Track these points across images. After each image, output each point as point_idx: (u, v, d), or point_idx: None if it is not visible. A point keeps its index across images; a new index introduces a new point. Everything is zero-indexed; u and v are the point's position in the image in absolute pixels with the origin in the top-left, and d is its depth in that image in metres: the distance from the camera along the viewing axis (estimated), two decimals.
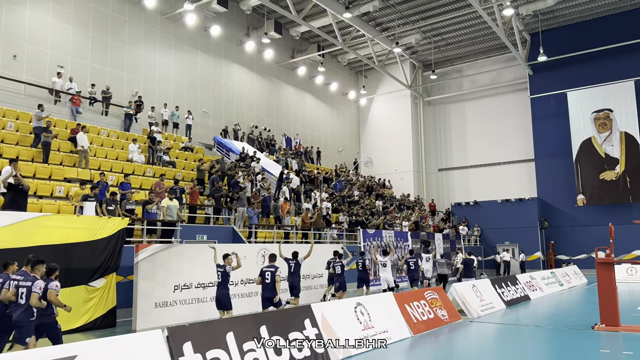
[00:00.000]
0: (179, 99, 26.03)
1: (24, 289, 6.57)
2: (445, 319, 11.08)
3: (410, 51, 36.97)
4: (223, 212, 16.89)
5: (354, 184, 29.55)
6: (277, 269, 10.80)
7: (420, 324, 10.02)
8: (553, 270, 21.36)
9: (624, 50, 30.12)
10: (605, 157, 30.30)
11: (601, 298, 10.30)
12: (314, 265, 15.92)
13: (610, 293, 10.18)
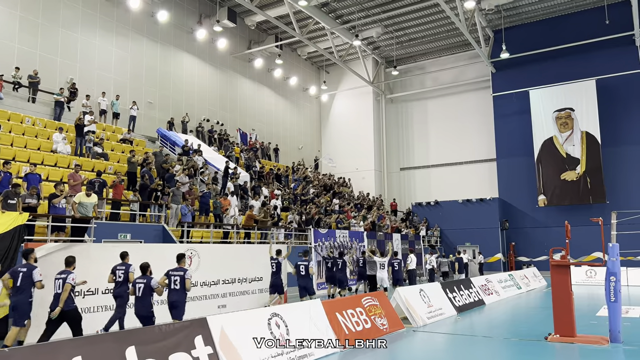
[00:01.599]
0: (121, 88, 24.19)
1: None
2: (385, 328, 9.80)
3: (372, 46, 35.90)
4: (153, 208, 15.27)
5: (310, 181, 28.20)
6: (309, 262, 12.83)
7: (352, 335, 8.70)
8: (511, 272, 20.47)
9: (586, 49, 29.70)
10: (566, 157, 29.80)
11: (555, 305, 9.19)
12: (252, 266, 14.49)
13: (565, 300, 9.08)
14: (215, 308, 13.16)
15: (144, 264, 9.07)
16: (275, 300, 13.53)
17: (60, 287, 8.13)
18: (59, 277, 8.30)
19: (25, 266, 8.41)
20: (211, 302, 13.02)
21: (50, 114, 20.30)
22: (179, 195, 15.72)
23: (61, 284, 8.15)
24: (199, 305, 12.69)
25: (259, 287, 14.63)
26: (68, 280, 8.13)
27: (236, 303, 13.73)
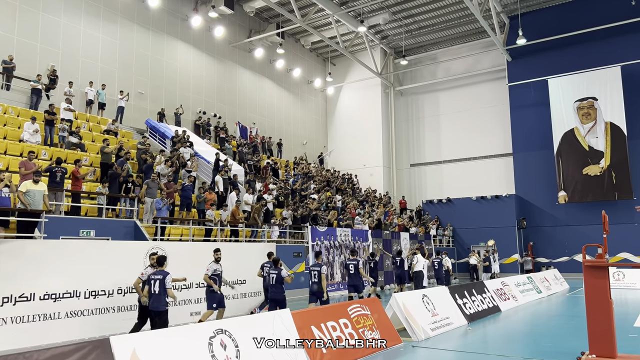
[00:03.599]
0: (108, 77, 22.67)
1: None
2: (377, 344, 7.99)
3: (380, 36, 34.03)
4: (124, 202, 13.61)
5: (312, 177, 26.44)
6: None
7: (332, 355, 6.90)
8: (530, 275, 18.46)
9: (610, 33, 27.52)
10: (589, 150, 27.60)
11: (590, 317, 7.29)
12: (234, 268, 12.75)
13: (603, 310, 7.18)
14: (188, 316, 11.45)
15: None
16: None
17: (158, 287, 8.33)
18: (154, 277, 8.46)
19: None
20: (182, 309, 11.31)
21: (26, 102, 18.85)
22: (155, 187, 14.06)
23: (158, 285, 8.35)
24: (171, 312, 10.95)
25: (242, 291, 12.88)
26: (167, 285, 8.38)
27: None
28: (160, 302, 8.37)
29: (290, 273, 11.22)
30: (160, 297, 8.35)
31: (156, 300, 8.36)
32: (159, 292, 8.34)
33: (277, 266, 10.71)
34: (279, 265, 10.47)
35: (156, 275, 8.47)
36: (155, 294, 8.33)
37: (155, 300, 8.37)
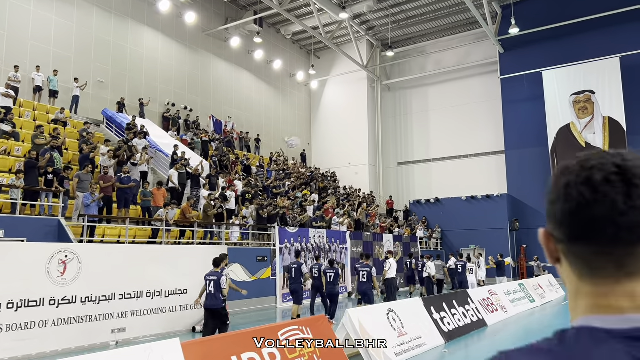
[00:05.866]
0: (63, 62, 20.71)
1: None
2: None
3: (365, 26, 32.21)
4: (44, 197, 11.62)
5: (289, 174, 24.54)
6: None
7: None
8: (522, 281, 16.60)
9: (608, 22, 25.76)
10: (586, 146, 25.81)
11: None
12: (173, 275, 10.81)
13: None
14: (108, 333, 9.49)
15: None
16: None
17: (212, 287, 8.74)
18: (209, 278, 8.94)
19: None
20: (101, 325, 9.33)
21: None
22: (88, 181, 12.10)
23: (213, 285, 8.75)
24: (82, 329, 9.03)
25: (181, 302, 10.91)
26: (222, 284, 8.75)
27: (142, 325, 10.04)
28: (215, 301, 8.82)
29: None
30: (215, 296, 8.80)
31: (211, 299, 8.84)
32: (214, 291, 8.80)
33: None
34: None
35: (211, 275, 8.96)
36: (211, 293, 8.83)
37: (211, 299, 8.84)
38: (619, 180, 0.74)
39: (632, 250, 0.74)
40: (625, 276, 0.75)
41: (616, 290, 0.76)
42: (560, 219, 0.79)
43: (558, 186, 0.81)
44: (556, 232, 0.81)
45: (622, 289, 0.76)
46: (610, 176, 0.74)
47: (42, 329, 8.46)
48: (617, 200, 0.73)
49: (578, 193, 0.76)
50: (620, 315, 0.74)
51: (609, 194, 0.74)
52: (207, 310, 8.95)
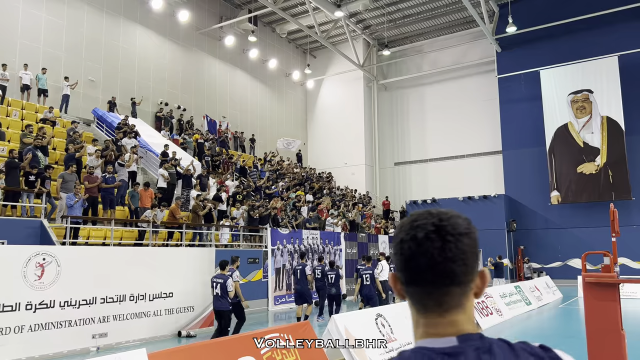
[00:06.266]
0: (53, 61, 20.41)
1: None
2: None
3: (362, 25, 31.92)
4: (25, 198, 11.30)
5: (283, 174, 24.24)
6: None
7: None
8: (518, 284, 16.30)
9: (607, 21, 25.49)
10: (583, 146, 25.54)
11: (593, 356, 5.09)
12: (158, 278, 10.50)
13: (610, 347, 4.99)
14: (89, 339, 9.17)
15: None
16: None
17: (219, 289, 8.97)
18: (215, 280, 9.18)
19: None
20: (81, 330, 9.02)
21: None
22: (72, 181, 11.79)
23: (219, 287, 8.99)
24: (61, 335, 8.71)
25: (166, 306, 10.60)
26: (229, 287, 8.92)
27: (126, 330, 9.73)
28: (222, 303, 9.03)
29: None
30: (221, 298, 9.00)
31: (218, 301, 9.06)
32: (221, 293, 8.99)
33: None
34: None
35: (217, 278, 9.17)
36: (217, 295, 9.04)
37: (218, 301, 9.05)
38: (436, 237, 0.98)
39: (447, 290, 0.99)
40: (445, 311, 1.00)
41: (440, 322, 1.00)
42: (399, 267, 1.03)
43: (396, 241, 1.04)
44: (399, 276, 1.04)
45: (445, 320, 1.00)
46: (430, 234, 0.99)
47: (18, 335, 8.15)
48: (434, 254, 0.98)
49: (407, 247, 1.00)
50: (443, 338, 0.98)
51: (428, 248, 0.98)
52: (215, 312, 9.25)
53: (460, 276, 1.00)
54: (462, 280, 1.00)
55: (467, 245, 1.01)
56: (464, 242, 1.00)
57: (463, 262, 1.00)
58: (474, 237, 1.04)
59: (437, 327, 1.00)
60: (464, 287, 1.01)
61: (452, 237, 0.99)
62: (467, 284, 1.01)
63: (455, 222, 1.01)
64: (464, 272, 1.00)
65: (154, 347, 9.74)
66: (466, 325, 1.01)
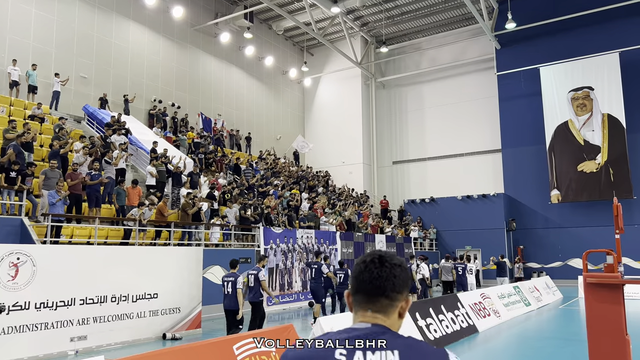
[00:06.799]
0: (43, 57, 20.00)
1: None
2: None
3: (359, 22, 31.52)
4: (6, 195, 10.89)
5: (278, 172, 23.85)
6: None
7: None
8: (517, 284, 15.89)
9: (607, 17, 25.10)
10: (584, 144, 25.14)
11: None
12: (142, 278, 10.10)
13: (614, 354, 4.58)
14: (67, 342, 8.77)
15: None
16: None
17: (230, 288, 9.07)
18: (227, 279, 9.23)
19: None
20: (58, 333, 8.62)
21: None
22: (55, 178, 11.39)
23: (230, 286, 9.07)
24: (37, 338, 8.32)
25: (150, 307, 10.19)
26: (238, 285, 9.01)
27: (107, 333, 9.33)
28: (232, 302, 9.07)
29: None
30: (232, 297, 9.05)
31: (229, 300, 9.13)
32: (232, 293, 9.07)
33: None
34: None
35: (228, 277, 9.22)
36: (228, 294, 9.12)
37: (229, 300, 9.13)
38: (378, 263, 1.47)
39: (377, 299, 1.44)
40: (373, 312, 1.44)
41: (367, 315, 1.45)
42: (352, 281, 1.51)
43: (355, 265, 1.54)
44: (350, 290, 1.51)
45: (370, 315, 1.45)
46: (375, 259, 1.48)
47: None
48: (373, 272, 1.45)
49: (359, 268, 1.49)
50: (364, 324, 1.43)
51: (371, 269, 1.46)
52: (225, 311, 9.33)
53: (388, 291, 1.44)
54: (389, 295, 1.44)
55: (397, 273, 1.46)
56: (395, 270, 1.46)
57: (392, 282, 1.45)
58: (404, 269, 1.49)
59: (363, 318, 1.45)
60: (390, 300, 1.45)
61: (388, 264, 1.47)
62: (393, 299, 1.45)
63: (392, 257, 1.50)
64: (391, 289, 1.44)
65: (137, 350, 9.35)
66: (383, 323, 1.43)
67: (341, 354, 1.36)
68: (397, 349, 1.35)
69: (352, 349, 1.36)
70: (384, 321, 1.42)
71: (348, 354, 1.35)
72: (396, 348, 1.35)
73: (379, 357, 1.34)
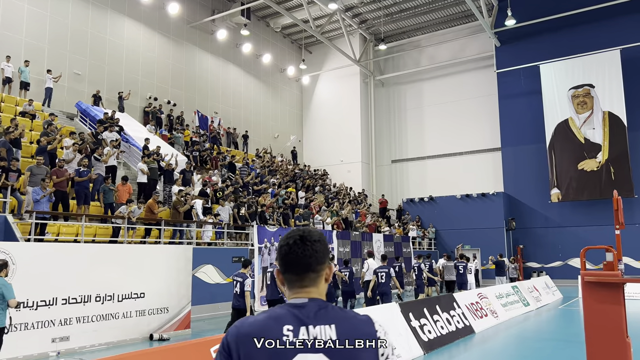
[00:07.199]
0: (36, 53, 19.73)
1: None
2: None
3: (358, 20, 31.24)
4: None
5: (275, 171, 23.57)
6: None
7: None
8: (515, 283, 15.59)
9: (608, 13, 24.78)
10: (584, 142, 24.83)
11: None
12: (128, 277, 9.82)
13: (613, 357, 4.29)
14: (49, 343, 8.49)
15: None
16: None
17: (239, 288, 9.05)
18: (236, 278, 9.23)
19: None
20: (39, 333, 8.34)
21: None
22: (41, 174, 11.11)
23: (239, 286, 9.05)
24: (15, 338, 8.03)
25: (137, 307, 9.91)
26: (246, 287, 8.98)
27: (90, 333, 9.05)
28: (241, 301, 9.06)
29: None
30: (240, 297, 9.07)
31: (237, 300, 9.12)
32: (240, 292, 9.06)
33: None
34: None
35: (237, 277, 9.24)
36: (237, 293, 9.12)
37: (237, 299, 9.11)
38: (300, 241, 1.64)
39: (306, 275, 1.63)
40: (304, 287, 1.64)
41: (300, 291, 1.64)
42: (279, 262, 1.68)
43: (278, 247, 1.70)
44: (280, 268, 1.68)
45: (303, 291, 1.64)
46: (297, 240, 1.64)
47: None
48: (297, 253, 1.63)
49: (284, 250, 1.66)
50: (300, 299, 1.61)
51: (295, 249, 1.63)
52: (233, 310, 9.27)
53: (314, 266, 1.65)
54: (315, 269, 1.65)
55: (318, 248, 1.66)
56: (316, 246, 1.65)
57: (315, 258, 1.65)
58: (323, 243, 1.69)
59: (298, 294, 1.64)
60: (316, 273, 1.66)
61: (309, 242, 1.65)
62: (318, 272, 1.66)
63: (311, 235, 1.67)
64: (316, 264, 1.65)
65: (121, 351, 9.07)
66: (316, 295, 1.65)
67: (288, 330, 1.54)
68: (334, 322, 1.56)
69: (297, 324, 1.55)
70: (316, 292, 1.64)
71: (294, 328, 1.54)
72: (332, 322, 1.56)
73: (319, 331, 1.54)
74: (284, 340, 1.51)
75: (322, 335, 1.52)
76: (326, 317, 1.56)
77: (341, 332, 1.53)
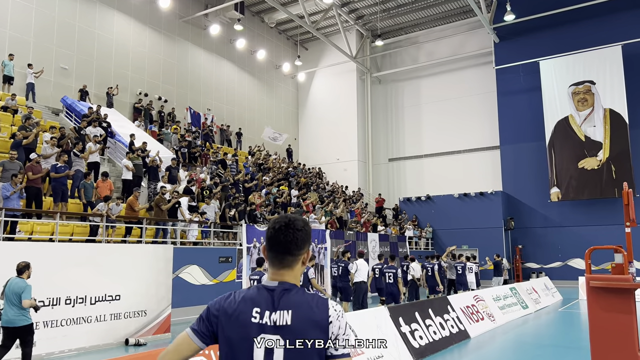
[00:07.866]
0: (21, 47, 19.13)
1: None
2: None
3: (354, 15, 30.67)
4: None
5: (268, 169, 23.01)
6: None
7: None
8: (514, 285, 15.03)
9: (610, 9, 24.25)
10: (585, 140, 24.28)
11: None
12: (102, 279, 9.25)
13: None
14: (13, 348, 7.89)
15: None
16: None
17: None
18: (253, 277, 9.33)
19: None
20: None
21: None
22: (14, 169, 10.53)
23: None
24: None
25: (112, 310, 9.33)
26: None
27: (60, 338, 8.47)
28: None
29: None
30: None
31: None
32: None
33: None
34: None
35: (254, 275, 9.25)
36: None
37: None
38: (285, 227, 1.84)
39: (284, 257, 1.85)
40: (280, 268, 1.86)
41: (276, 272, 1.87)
42: (265, 241, 1.89)
43: (267, 229, 1.90)
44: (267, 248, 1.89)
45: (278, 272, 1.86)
46: (282, 227, 1.84)
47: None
48: (280, 237, 1.84)
49: (269, 233, 1.86)
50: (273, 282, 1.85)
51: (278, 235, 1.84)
52: None
53: (293, 250, 1.85)
54: (294, 252, 1.86)
55: (299, 236, 1.85)
56: (297, 234, 1.84)
57: (295, 244, 1.84)
58: (306, 232, 1.88)
59: (273, 276, 1.87)
60: (294, 257, 1.87)
61: (292, 230, 1.84)
62: (296, 255, 1.87)
63: (296, 223, 1.86)
64: (296, 249, 1.85)
65: (93, 357, 8.52)
66: (288, 278, 1.87)
67: (256, 312, 1.81)
68: (291, 308, 1.79)
69: (264, 307, 1.81)
70: (289, 274, 1.88)
71: (261, 311, 1.81)
72: (290, 308, 1.79)
73: (278, 316, 1.79)
74: (252, 321, 1.79)
75: (280, 320, 1.77)
76: (287, 302, 1.80)
77: (295, 317, 1.77)
